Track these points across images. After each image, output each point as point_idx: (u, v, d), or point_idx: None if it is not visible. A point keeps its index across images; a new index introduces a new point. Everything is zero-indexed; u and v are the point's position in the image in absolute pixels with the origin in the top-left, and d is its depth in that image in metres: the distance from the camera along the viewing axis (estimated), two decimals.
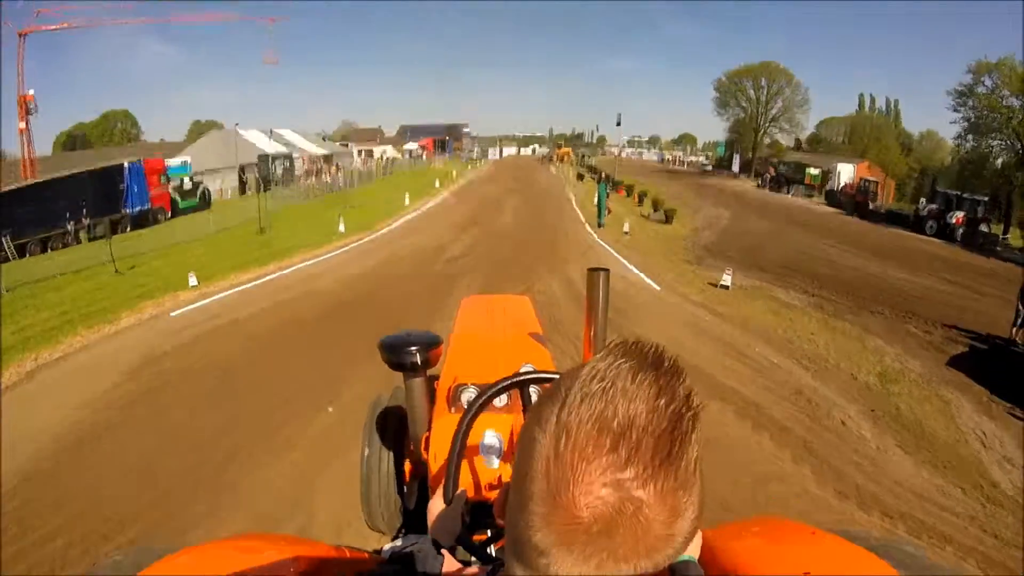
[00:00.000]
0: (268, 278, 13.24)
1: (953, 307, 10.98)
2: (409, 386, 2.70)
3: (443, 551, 0.96)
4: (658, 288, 11.85)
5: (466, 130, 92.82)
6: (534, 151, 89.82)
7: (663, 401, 0.45)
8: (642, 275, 13.32)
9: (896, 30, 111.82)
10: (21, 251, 19.90)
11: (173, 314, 10.02)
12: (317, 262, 15.78)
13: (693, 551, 0.95)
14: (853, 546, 1.03)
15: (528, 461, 0.48)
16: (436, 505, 1.21)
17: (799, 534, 1.13)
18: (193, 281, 12.08)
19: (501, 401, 2.21)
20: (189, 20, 41.93)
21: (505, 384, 1.39)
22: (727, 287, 11.72)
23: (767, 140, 63.67)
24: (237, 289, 12.03)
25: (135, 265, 15.28)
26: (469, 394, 2.56)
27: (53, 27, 37.24)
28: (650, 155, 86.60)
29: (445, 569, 0.90)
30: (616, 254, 17.20)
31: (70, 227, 22.14)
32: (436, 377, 2.98)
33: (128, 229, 24.90)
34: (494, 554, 1.32)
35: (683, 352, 7.41)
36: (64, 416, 6.05)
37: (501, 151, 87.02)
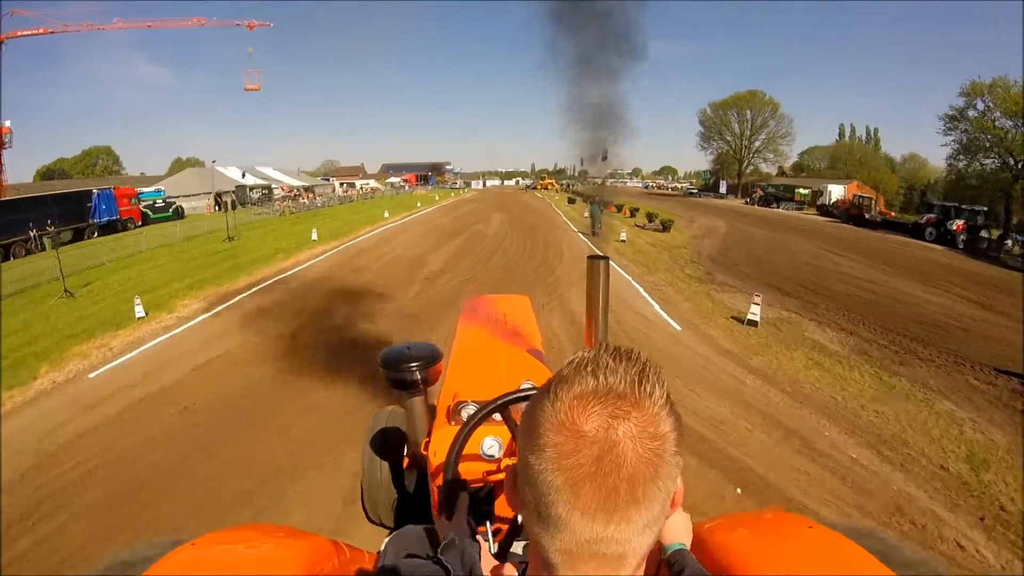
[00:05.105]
0: (219, 308, 11.08)
1: (994, 340, 9.73)
2: (409, 405, 2.75)
3: (478, 539, 0.98)
4: (678, 328, 9.79)
5: (448, 167, 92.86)
6: (517, 183, 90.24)
7: (632, 366, 0.58)
8: (655, 304, 11.28)
9: (876, 59, 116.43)
10: None
11: (92, 375, 7.82)
12: (282, 278, 14.02)
13: (685, 539, 1.06)
14: (846, 540, 1.08)
15: (534, 422, 0.59)
16: (442, 525, 1.33)
17: (796, 527, 1.19)
18: (140, 312, 10.22)
19: (499, 416, 2.04)
20: (168, 25, 40.66)
21: (503, 401, 1.66)
22: (755, 323, 9.82)
23: (750, 169, 64.24)
24: (177, 331, 9.69)
25: (89, 282, 13.75)
26: (469, 410, 2.55)
27: (30, 32, 35.39)
28: (633, 183, 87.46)
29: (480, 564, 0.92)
30: (618, 267, 15.87)
31: (33, 234, 20.70)
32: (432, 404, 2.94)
33: (96, 235, 24.03)
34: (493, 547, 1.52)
35: (734, 447, 5.48)
36: None
37: (484, 183, 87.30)
